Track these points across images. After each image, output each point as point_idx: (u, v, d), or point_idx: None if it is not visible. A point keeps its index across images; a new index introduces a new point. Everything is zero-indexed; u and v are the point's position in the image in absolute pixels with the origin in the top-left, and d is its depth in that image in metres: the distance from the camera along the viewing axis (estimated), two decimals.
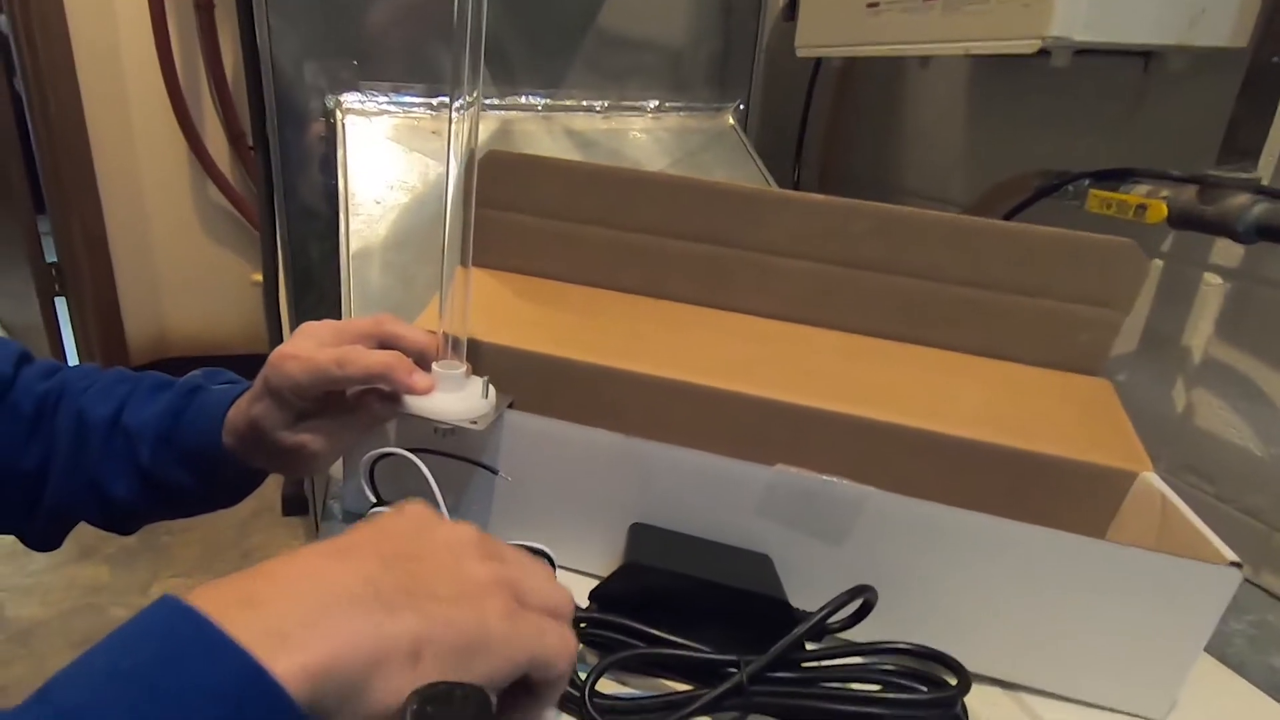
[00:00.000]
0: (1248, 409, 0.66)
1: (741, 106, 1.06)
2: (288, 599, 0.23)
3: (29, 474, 0.46)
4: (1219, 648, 0.47)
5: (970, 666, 0.38)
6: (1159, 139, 0.72)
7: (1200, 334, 0.69)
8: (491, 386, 0.44)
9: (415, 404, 0.42)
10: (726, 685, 0.36)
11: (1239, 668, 0.46)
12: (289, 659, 0.21)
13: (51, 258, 2.03)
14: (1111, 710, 0.42)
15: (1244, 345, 0.66)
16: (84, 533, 0.49)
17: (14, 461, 0.46)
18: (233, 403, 0.44)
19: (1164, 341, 0.72)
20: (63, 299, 2.07)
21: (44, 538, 0.49)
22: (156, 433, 0.45)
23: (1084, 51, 0.62)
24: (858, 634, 0.40)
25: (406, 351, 0.42)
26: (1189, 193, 0.61)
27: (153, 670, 0.20)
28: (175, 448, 0.45)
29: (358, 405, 0.44)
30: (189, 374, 0.48)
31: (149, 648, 0.21)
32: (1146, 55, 0.70)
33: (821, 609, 0.38)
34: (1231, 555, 0.38)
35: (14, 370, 0.46)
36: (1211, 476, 0.68)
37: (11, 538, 0.49)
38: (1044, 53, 0.62)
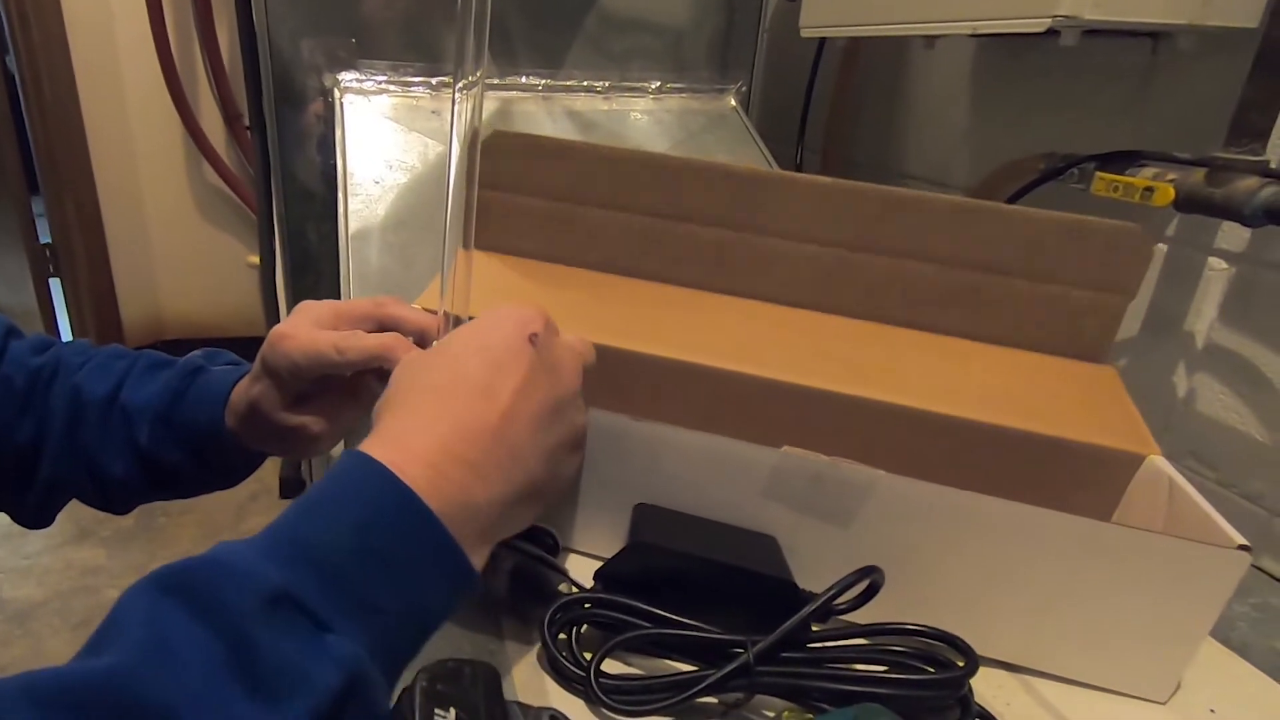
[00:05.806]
0: (1250, 394, 0.65)
1: (744, 88, 1.05)
2: None
3: (22, 450, 0.45)
4: (1222, 631, 0.47)
5: (976, 648, 0.38)
6: (1166, 121, 0.71)
7: (1204, 319, 0.69)
8: None
9: None
10: (733, 665, 0.36)
11: (1242, 650, 0.46)
12: None
13: (46, 239, 2.01)
14: (1115, 692, 0.42)
15: (1248, 330, 0.66)
16: (81, 515, 0.48)
17: (6, 437, 0.45)
18: (235, 384, 0.44)
19: (1167, 327, 0.71)
20: (57, 280, 2.05)
21: (36, 515, 0.48)
22: (156, 412, 0.44)
23: (1092, 32, 0.62)
24: (864, 615, 0.40)
25: (406, 333, 0.42)
26: (1197, 175, 0.60)
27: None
28: (175, 428, 0.44)
29: (358, 385, 0.43)
30: (189, 354, 0.47)
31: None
32: (1155, 36, 0.69)
33: (828, 590, 0.38)
34: (1240, 539, 0.38)
35: (1, 344, 0.46)
36: (1213, 462, 0.68)
37: (7, 520, 0.48)
38: (1052, 32, 0.61)
